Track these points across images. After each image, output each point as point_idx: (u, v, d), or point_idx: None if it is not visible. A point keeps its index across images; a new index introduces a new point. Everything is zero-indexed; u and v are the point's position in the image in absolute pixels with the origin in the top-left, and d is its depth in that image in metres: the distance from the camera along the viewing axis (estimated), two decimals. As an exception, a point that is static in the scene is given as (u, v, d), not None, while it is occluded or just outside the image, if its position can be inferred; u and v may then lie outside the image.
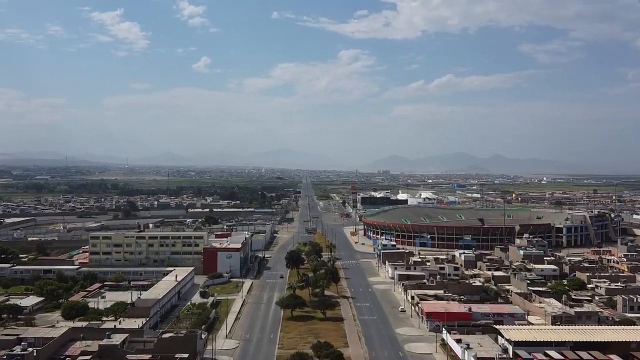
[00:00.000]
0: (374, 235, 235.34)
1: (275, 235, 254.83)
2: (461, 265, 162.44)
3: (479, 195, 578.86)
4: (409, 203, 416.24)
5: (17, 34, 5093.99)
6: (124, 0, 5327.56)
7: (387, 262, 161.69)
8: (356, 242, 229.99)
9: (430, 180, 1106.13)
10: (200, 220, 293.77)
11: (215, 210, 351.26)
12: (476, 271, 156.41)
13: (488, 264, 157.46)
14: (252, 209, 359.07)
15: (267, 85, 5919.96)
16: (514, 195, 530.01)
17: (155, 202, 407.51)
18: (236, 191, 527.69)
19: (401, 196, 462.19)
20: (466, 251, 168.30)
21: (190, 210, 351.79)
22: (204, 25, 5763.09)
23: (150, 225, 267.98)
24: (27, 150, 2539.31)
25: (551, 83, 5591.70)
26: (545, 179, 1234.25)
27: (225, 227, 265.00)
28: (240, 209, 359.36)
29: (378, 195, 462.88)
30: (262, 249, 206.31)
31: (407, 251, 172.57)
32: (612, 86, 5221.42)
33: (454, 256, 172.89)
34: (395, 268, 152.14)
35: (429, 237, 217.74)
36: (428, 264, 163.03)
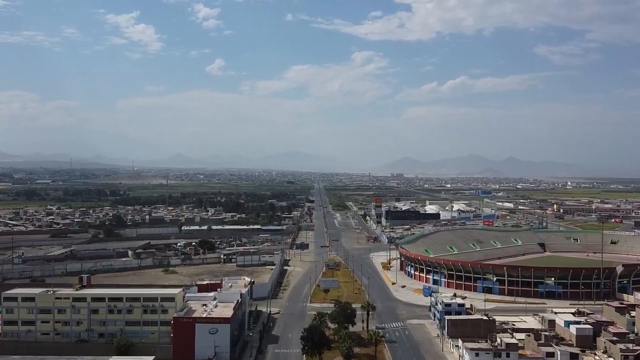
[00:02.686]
0: (417, 274, 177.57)
1: (286, 268, 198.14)
2: (572, 342, 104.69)
3: (511, 205, 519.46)
4: (441, 217, 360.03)
5: (33, 37, 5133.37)
6: (139, 3, 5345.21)
7: (459, 339, 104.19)
8: (394, 283, 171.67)
9: (449, 185, 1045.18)
10: (194, 243, 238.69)
11: (214, 227, 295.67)
12: (603, 356, 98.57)
13: (622, 347, 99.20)
14: (259, 226, 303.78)
15: (280, 87, 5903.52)
16: (554, 207, 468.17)
17: (147, 216, 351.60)
18: (242, 202, 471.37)
19: (430, 208, 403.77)
20: (578, 322, 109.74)
21: (184, 227, 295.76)
22: (218, 27, 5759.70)
23: (129, 253, 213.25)
24: (39, 153, 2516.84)
25: (566, 85, 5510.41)
26: (569, 183, 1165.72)
27: (222, 256, 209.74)
28: (245, 226, 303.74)
29: (404, 208, 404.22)
30: (267, 296, 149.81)
31: (484, 318, 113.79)
32: (628, 88, 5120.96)
33: (552, 323, 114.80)
34: (477, 355, 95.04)
35: (495, 279, 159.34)
36: (522, 339, 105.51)
